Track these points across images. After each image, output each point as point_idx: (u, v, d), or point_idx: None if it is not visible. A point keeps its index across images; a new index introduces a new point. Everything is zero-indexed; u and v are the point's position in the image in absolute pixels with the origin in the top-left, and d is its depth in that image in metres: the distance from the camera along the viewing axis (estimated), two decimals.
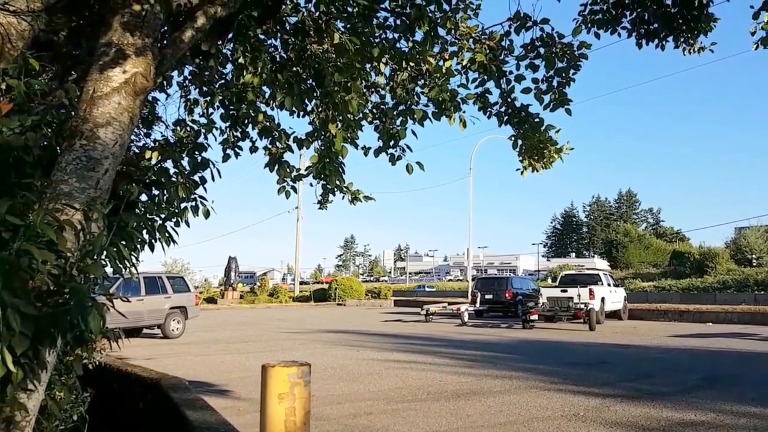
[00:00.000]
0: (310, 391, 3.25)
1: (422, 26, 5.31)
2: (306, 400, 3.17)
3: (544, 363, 12.21)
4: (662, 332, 19.41)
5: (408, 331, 20.54)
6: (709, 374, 10.56)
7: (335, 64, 5.14)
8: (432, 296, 41.47)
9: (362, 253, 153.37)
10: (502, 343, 16.52)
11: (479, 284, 29.29)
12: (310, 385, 3.25)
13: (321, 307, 40.34)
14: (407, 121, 6.09)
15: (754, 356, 13.36)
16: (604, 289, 23.61)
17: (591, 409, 7.56)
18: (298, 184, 6.36)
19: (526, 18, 5.78)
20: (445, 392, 8.69)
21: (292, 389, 3.12)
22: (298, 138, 6.03)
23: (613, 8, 6.31)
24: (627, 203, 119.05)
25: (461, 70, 6.20)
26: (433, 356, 13.00)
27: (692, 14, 6.23)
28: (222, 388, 9.16)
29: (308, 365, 3.28)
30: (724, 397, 8.13)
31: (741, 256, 45.42)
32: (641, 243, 67.38)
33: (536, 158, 6.43)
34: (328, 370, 10.76)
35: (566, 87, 6.00)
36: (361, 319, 27.48)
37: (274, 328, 21.46)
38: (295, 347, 15.02)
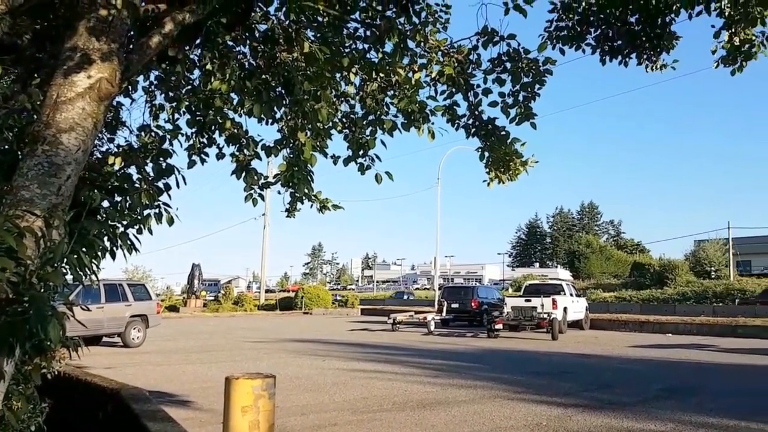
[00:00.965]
0: (275, 403, 3.22)
1: (392, 38, 5.34)
2: (270, 413, 3.13)
3: (509, 372, 12.31)
4: (623, 342, 19.76)
5: (374, 340, 20.51)
6: (669, 385, 10.78)
7: (305, 73, 5.14)
8: (399, 305, 41.48)
9: (330, 261, 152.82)
10: (467, 353, 16.61)
11: (446, 293, 29.43)
12: (275, 397, 3.22)
13: (287, 316, 39.97)
14: (377, 131, 6.12)
15: (712, 367, 13.70)
16: (567, 299, 23.98)
17: (553, 419, 7.64)
18: (266, 191, 6.32)
19: (494, 33, 5.87)
20: (411, 402, 8.69)
21: (256, 402, 3.08)
22: (266, 145, 6.00)
23: (578, 25, 6.45)
24: (589, 215, 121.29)
25: (430, 82, 6.26)
26: (399, 365, 13.00)
27: (655, 32, 6.41)
28: (183, 399, 9.00)
29: (273, 377, 3.24)
30: (683, 408, 8.31)
31: (700, 268, 46.59)
32: (602, 254, 68.67)
33: (502, 170, 6.51)
34: (292, 380, 10.66)
35: (532, 101, 6.11)
36: (328, 328, 27.32)
37: (238, 338, 21.18)
38: (260, 357, 14.85)
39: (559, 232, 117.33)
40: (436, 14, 6.15)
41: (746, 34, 6.10)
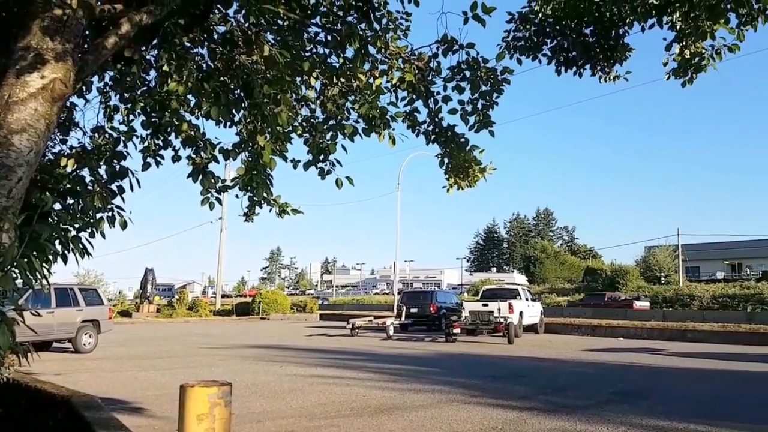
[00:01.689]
0: (231, 410, 3.18)
1: (353, 43, 5.36)
2: (226, 421, 3.09)
3: (466, 376, 12.43)
4: (576, 346, 20.17)
5: (333, 345, 20.43)
6: (620, 388, 11.05)
7: (264, 76, 5.10)
8: (358, 310, 41.43)
9: (288, 265, 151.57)
10: (425, 357, 16.69)
11: (405, 298, 29.54)
12: (231, 404, 3.18)
13: (243, 322, 39.45)
14: (337, 136, 6.12)
15: (662, 371, 14.10)
16: (523, 304, 24.37)
17: (509, 422, 7.75)
18: (223, 195, 6.25)
19: (453, 41, 5.95)
20: (369, 407, 8.69)
21: (211, 410, 3.04)
22: (224, 148, 5.93)
23: (535, 36, 6.59)
24: (544, 221, 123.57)
25: (391, 88, 6.30)
26: (357, 371, 12.98)
27: (609, 44, 6.60)
28: (136, 406, 8.79)
29: (229, 384, 3.20)
30: (634, 411, 8.52)
31: (650, 273, 47.92)
32: (557, 259, 69.98)
33: (461, 176, 6.59)
34: (249, 387, 10.53)
35: (490, 109, 6.20)
36: (286, 333, 27.09)
37: (192, 344, 20.81)
38: (215, 363, 14.62)
39: (515, 238, 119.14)
40: (397, 21, 6.20)
41: (696, 47, 6.33)
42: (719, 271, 63.00)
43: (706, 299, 29.17)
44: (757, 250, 65.16)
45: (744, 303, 27.37)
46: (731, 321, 24.91)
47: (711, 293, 29.86)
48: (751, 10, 5.79)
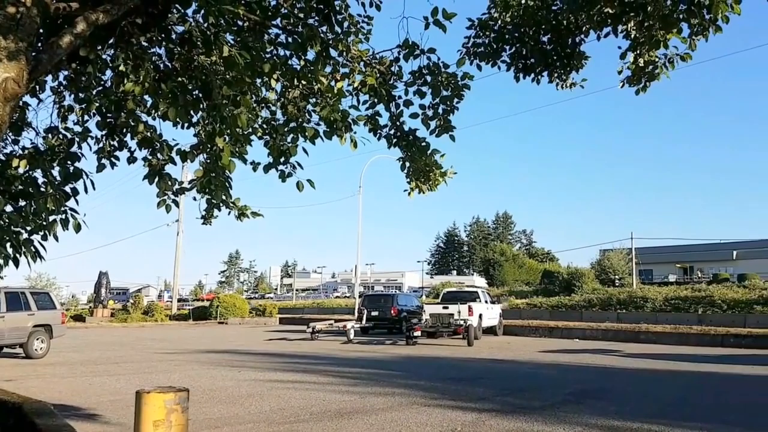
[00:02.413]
0: (188, 416, 3.12)
1: (314, 46, 5.34)
2: (183, 427, 3.04)
3: (426, 379, 12.49)
4: (534, 348, 20.49)
5: (293, 349, 20.27)
6: (576, 389, 11.26)
7: (224, 77, 5.04)
8: (318, 313, 41.21)
9: (247, 269, 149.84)
10: (386, 360, 16.71)
11: (366, 301, 29.52)
12: (188, 410, 3.12)
13: (201, 326, 38.82)
14: (298, 139, 6.08)
15: (617, 371, 14.43)
16: (482, 306, 24.63)
17: (467, 424, 7.82)
18: (180, 197, 6.15)
19: (415, 46, 5.99)
20: (329, 412, 8.65)
21: (168, 416, 2.98)
22: (181, 150, 5.85)
23: (494, 42, 6.69)
24: (503, 224, 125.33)
25: (352, 91, 6.30)
26: (317, 375, 12.91)
27: (566, 51, 6.74)
28: (91, 413, 8.56)
29: (186, 390, 3.15)
30: (589, 412, 8.70)
31: (605, 276, 48.96)
32: (515, 262, 70.99)
33: (422, 180, 6.63)
34: (206, 393, 10.36)
35: (451, 114, 6.26)
36: (244, 338, 26.76)
37: (148, 349, 20.38)
38: (171, 369, 14.35)
39: (475, 241, 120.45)
40: (359, 25, 6.21)
41: (650, 55, 6.52)
42: (671, 274, 64.85)
43: (658, 301, 29.90)
44: (707, 254, 67.38)
45: (695, 305, 28.18)
46: (683, 323, 25.66)
47: (663, 296, 30.63)
48: (703, 21, 5.99)
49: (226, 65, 4.90)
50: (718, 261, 66.38)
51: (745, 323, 24.38)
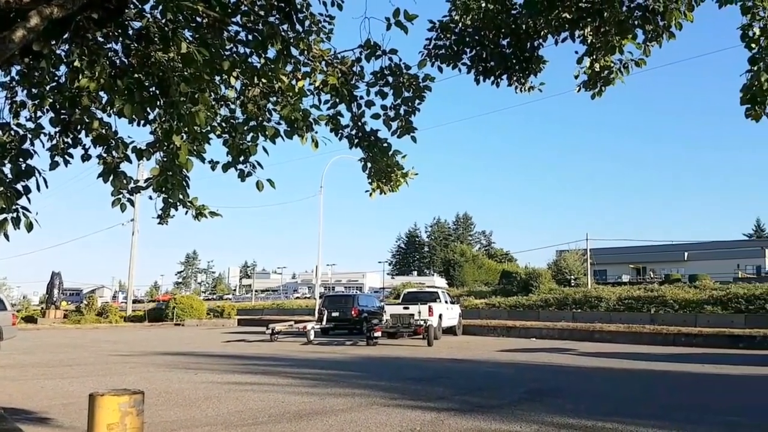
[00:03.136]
0: (143, 420, 3.05)
1: (275, 44, 5.29)
2: (138, 431, 2.97)
3: (386, 379, 12.51)
4: (492, 347, 20.74)
5: (251, 351, 20.04)
6: (533, 387, 11.43)
7: (182, 74, 4.95)
8: (278, 314, 40.85)
9: (205, 269, 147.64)
10: (346, 361, 16.67)
11: (326, 302, 29.40)
12: (143, 413, 3.05)
13: (156, 328, 38.07)
14: (258, 137, 6.02)
15: (572, 370, 14.71)
16: (442, 306, 24.82)
17: (427, 423, 7.85)
18: (136, 196, 6.02)
19: (376, 47, 5.99)
20: (288, 413, 8.57)
21: (122, 419, 2.91)
22: (137, 148, 5.72)
23: (455, 45, 6.75)
24: (464, 225, 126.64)
25: (314, 91, 6.28)
26: (276, 377, 12.79)
27: (524, 55, 6.85)
28: (43, 416, 8.30)
29: (141, 393, 3.08)
30: (546, 410, 8.84)
31: (561, 276, 49.84)
32: (475, 263, 71.71)
33: (384, 181, 6.64)
34: (162, 395, 10.16)
35: (412, 115, 6.29)
36: (201, 339, 26.34)
37: (102, 351, 19.88)
38: (126, 371, 14.02)
39: (436, 242, 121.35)
40: (320, 24, 6.19)
41: (606, 61, 6.68)
42: (625, 274, 66.50)
43: (612, 301, 30.59)
44: (660, 255, 69.36)
45: (648, 305, 28.93)
46: (636, 322, 26.34)
47: (617, 295, 31.35)
48: (657, 27, 6.17)
49: (184, 62, 4.82)
50: (670, 262, 68.42)
51: (696, 323, 25.16)
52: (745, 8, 5.43)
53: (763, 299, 25.88)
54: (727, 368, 14.72)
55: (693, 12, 6.08)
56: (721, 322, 24.50)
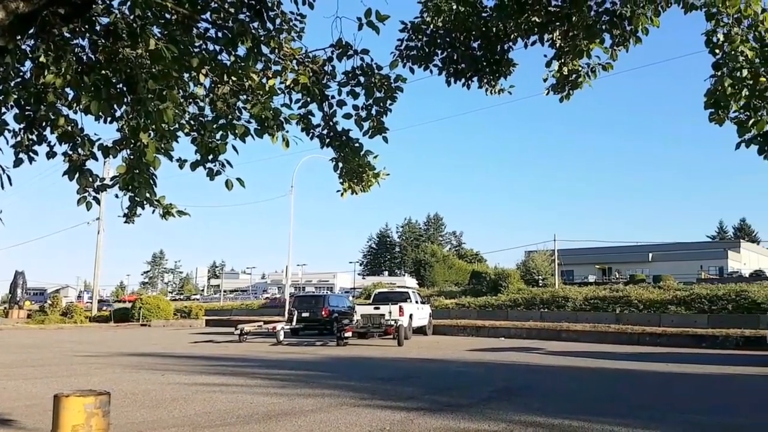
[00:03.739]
0: (109, 421, 3.01)
1: (245, 42, 5.26)
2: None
3: (356, 379, 12.50)
4: (462, 347, 20.89)
5: (219, 352, 19.83)
6: (502, 386, 11.54)
7: (150, 71, 4.89)
8: (247, 315, 40.49)
9: (172, 269, 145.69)
10: (316, 361, 16.61)
11: (296, 302, 29.24)
12: (109, 414, 3.01)
13: (122, 328, 37.43)
14: (227, 136, 5.96)
15: (540, 369, 14.90)
16: (413, 306, 24.91)
17: (396, 423, 7.87)
18: (102, 194, 5.92)
19: (348, 46, 5.99)
20: (256, 414, 8.51)
21: (88, 420, 2.86)
22: (104, 145, 5.63)
23: (426, 46, 6.79)
24: (434, 226, 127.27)
25: (285, 89, 6.25)
26: (245, 377, 12.68)
27: (495, 58, 6.92)
28: (5, 418, 8.09)
29: (107, 394, 3.03)
30: (514, 408, 8.93)
31: (529, 277, 50.43)
32: (445, 263, 72.17)
33: (355, 181, 6.65)
34: (128, 396, 10.00)
35: (384, 116, 6.30)
36: (168, 340, 25.98)
37: (67, 352, 19.47)
38: (91, 372, 13.75)
39: (407, 242, 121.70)
40: (291, 22, 6.16)
41: (574, 64, 6.79)
42: (591, 274, 67.64)
43: (579, 301, 31.04)
44: (625, 256, 70.70)
45: (613, 305, 29.42)
46: (602, 321, 26.76)
47: (584, 295, 31.81)
48: (624, 32, 6.30)
49: (153, 59, 4.75)
50: (635, 263, 69.80)
51: (660, 323, 25.68)
52: (710, 15, 5.56)
53: (726, 300, 26.51)
54: (691, 367, 15.07)
55: (659, 17, 6.21)
56: (684, 322, 25.04)
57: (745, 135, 5.31)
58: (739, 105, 5.28)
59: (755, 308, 24.62)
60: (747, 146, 5.37)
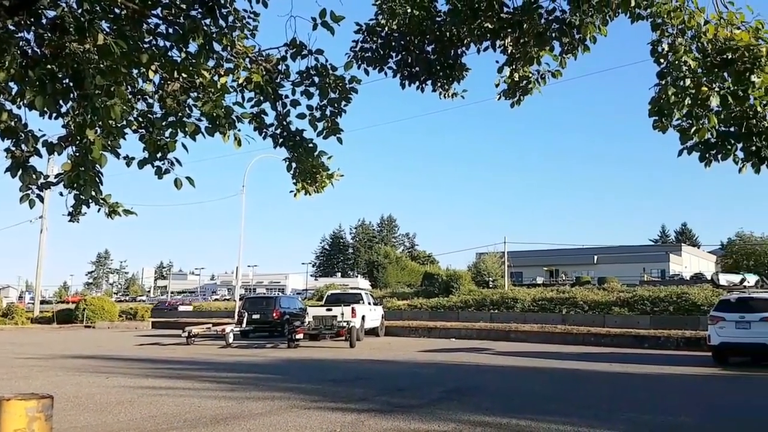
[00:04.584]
0: (52, 425, 2.92)
1: (197, 38, 5.18)
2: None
3: (306, 381, 12.43)
4: (414, 348, 21.02)
5: (166, 354, 19.41)
6: (452, 387, 11.68)
7: (97, 66, 4.76)
8: (195, 317, 39.70)
9: (118, 270, 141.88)
10: (266, 364, 16.45)
11: (246, 304, 28.83)
12: (52, 419, 2.92)
13: (66, 330, 36.23)
14: (177, 134, 5.85)
15: (489, 369, 15.13)
16: (365, 308, 24.93)
17: (347, 425, 7.88)
18: (46, 192, 5.74)
19: (302, 46, 5.98)
20: (204, 418, 8.37)
21: (30, 425, 2.76)
22: (48, 142, 5.45)
23: (381, 48, 6.82)
24: (388, 227, 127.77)
25: (237, 88, 6.18)
26: (192, 381, 12.45)
27: (448, 62, 7.01)
28: None
29: (50, 397, 2.94)
30: (463, 408, 9.05)
31: (480, 278, 51.08)
32: (398, 264, 72.56)
33: (309, 182, 6.62)
34: (71, 400, 9.70)
35: (338, 117, 6.30)
36: (113, 342, 25.28)
37: (7, 353, 18.72)
38: (33, 375, 13.28)
39: (360, 243, 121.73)
40: (244, 20, 6.10)
41: (525, 71, 6.93)
42: (539, 276, 69.09)
43: (527, 302, 31.58)
44: (571, 258, 72.52)
45: (560, 306, 30.06)
46: (549, 322, 27.35)
47: (532, 297, 32.38)
48: (573, 40, 6.47)
49: (101, 54, 4.63)
50: (581, 265, 71.65)
51: (605, 323, 26.38)
52: (655, 25, 5.77)
53: (667, 302, 27.41)
54: (634, 367, 15.55)
55: (607, 27, 6.41)
56: (627, 322, 25.79)
57: (687, 142, 5.52)
58: (681, 113, 5.47)
59: (695, 310, 25.53)
60: (689, 153, 5.58)
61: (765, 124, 5.14)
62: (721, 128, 5.46)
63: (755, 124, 5.20)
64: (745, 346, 16.10)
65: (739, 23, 5.33)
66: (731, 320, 16.02)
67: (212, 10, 5.43)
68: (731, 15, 5.37)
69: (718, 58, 5.23)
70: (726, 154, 5.42)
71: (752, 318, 15.73)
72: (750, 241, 55.66)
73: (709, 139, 5.44)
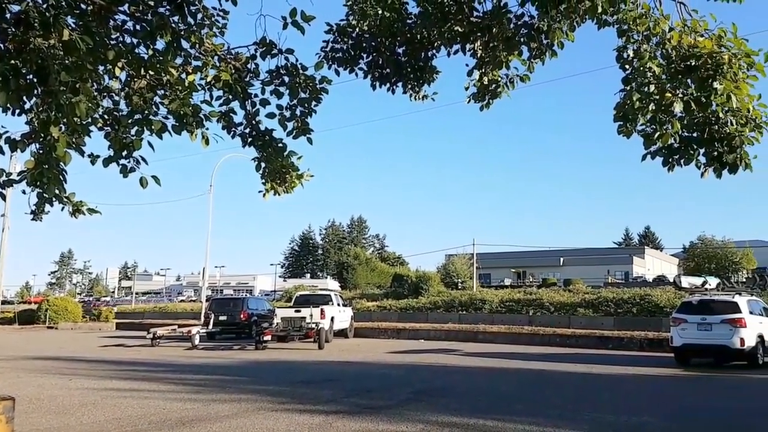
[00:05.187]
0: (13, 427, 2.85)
1: (164, 36, 5.11)
2: None
3: (274, 383, 12.35)
4: (383, 349, 21.05)
5: (131, 356, 19.08)
6: (420, 388, 11.73)
7: (62, 62, 4.67)
8: (161, 318, 39.07)
9: (81, 270, 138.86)
10: (233, 366, 16.29)
11: (213, 305, 28.48)
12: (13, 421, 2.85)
13: (27, 331, 35.36)
14: (143, 131, 5.77)
15: (457, 369, 15.23)
16: (334, 309, 24.87)
17: (315, 426, 7.85)
18: (8, 190, 5.60)
19: (272, 45, 5.94)
20: (169, 420, 8.26)
21: None
22: (11, 138, 5.32)
23: (352, 49, 6.83)
24: (358, 228, 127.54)
25: (205, 86, 6.12)
26: (157, 383, 12.26)
27: (419, 65, 7.05)
28: None
29: (12, 399, 2.87)
30: (432, 409, 9.10)
31: (449, 280, 51.36)
32: (368, 266, 72.38)
33: (278, 182, 6.59)
34: (33, 402, 9.47)
35: (308, 117, 6.28)
36: (77, 343, 24.74)
37: None
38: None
39: (330, 244, 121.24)
40: (213, 18, 6.04)
41: (493, 75, 7.01)
42: (507, 278, 69.68)
43: (495, 303, 31.86)
44: (538, 260, 73.39)
45: (527, 307, 30.40)
46: (516, 323, 27.66)
47: (500, 298, 32.67)
48: (541, 45, 6.57)
49: (66, 50, 4.55)
50: (547, 267, 72.55)
51: (570, 324, 26.78)
52: (621, 31, 5.89)
53: (631, 303, 27.94)
54: (598, 368, 15.83)
55: (574, 32, 6.52)
56: (592, 324, 26.23)
57: (651, 147, 5.64)
58: (646, 119, 5.59)
59: (658, 311, 26.08)
60: (653, 158, 5.71)
61: (727, 130, 5.27)
62: (684, 134, 5.59)
63: (717, 129, 5.34)
64: (706, 347, 16.51)
65: (703, 31, 5.47)
66: (693, 322, 16.41)
67: (180, 7, 5.36)
68: (695, 23, 5.51)
69: (682, 65, 5.35)
70: (689, 159, 5.54)
71: (713, 320, 16.14)
72: (711, 244, 57.19)
73: (673, 144, 5.57)
